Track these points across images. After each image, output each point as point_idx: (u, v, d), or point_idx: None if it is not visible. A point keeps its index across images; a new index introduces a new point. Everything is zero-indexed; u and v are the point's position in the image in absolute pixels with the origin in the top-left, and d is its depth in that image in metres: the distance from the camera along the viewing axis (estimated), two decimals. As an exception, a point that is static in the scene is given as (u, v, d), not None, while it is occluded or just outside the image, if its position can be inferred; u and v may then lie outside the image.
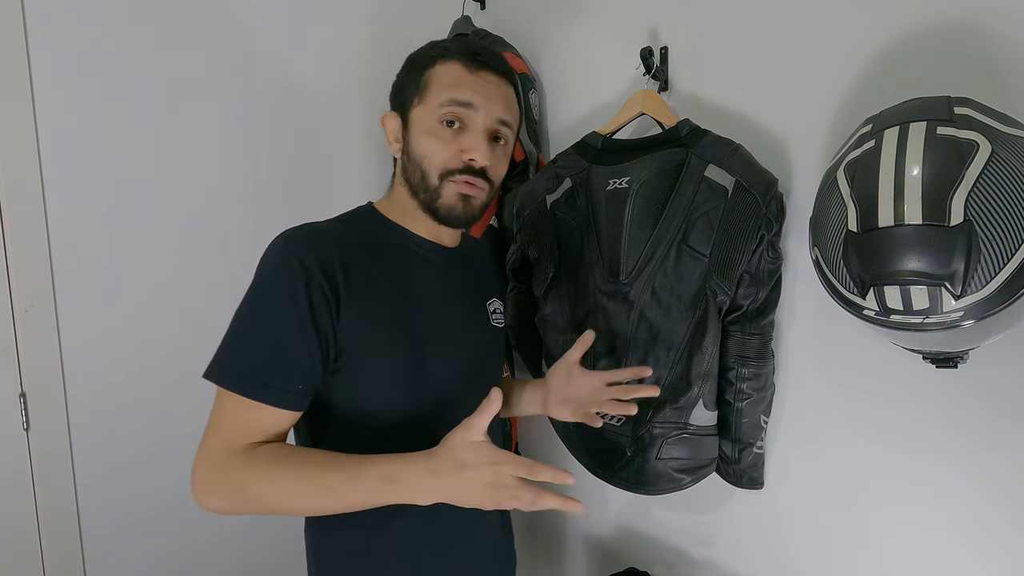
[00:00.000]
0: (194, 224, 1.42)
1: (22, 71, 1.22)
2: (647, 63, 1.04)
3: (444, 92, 0.75)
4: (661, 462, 0.97)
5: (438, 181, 0.76)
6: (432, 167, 0.76)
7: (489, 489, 0.63)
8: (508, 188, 1.28)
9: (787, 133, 0.95)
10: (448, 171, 0.76)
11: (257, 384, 0.67)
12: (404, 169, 0.80)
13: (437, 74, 0.76)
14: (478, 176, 0.77)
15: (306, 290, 0.68)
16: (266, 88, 1.52)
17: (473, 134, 0.76)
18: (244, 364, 0.68)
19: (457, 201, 0.77)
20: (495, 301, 0.94)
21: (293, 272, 0.68)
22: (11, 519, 1.26)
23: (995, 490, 0.78)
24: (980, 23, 0.75)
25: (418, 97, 0.77)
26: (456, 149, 0.76)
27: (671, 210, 0.95)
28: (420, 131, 0.77)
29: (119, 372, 1.34)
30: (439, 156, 0.76)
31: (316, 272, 0.69)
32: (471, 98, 0.75)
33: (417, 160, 0.77)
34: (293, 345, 0.68)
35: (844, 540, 0.93)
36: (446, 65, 0.76)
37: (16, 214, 1.23)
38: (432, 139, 0.76)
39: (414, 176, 0.78)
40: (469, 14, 1.39)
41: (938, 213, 0.60)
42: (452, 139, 0.75)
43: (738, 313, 0.95)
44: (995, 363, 0.76)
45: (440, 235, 0.85)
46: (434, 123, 0.75)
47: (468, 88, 0.75)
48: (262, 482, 0.66)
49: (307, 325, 0.68)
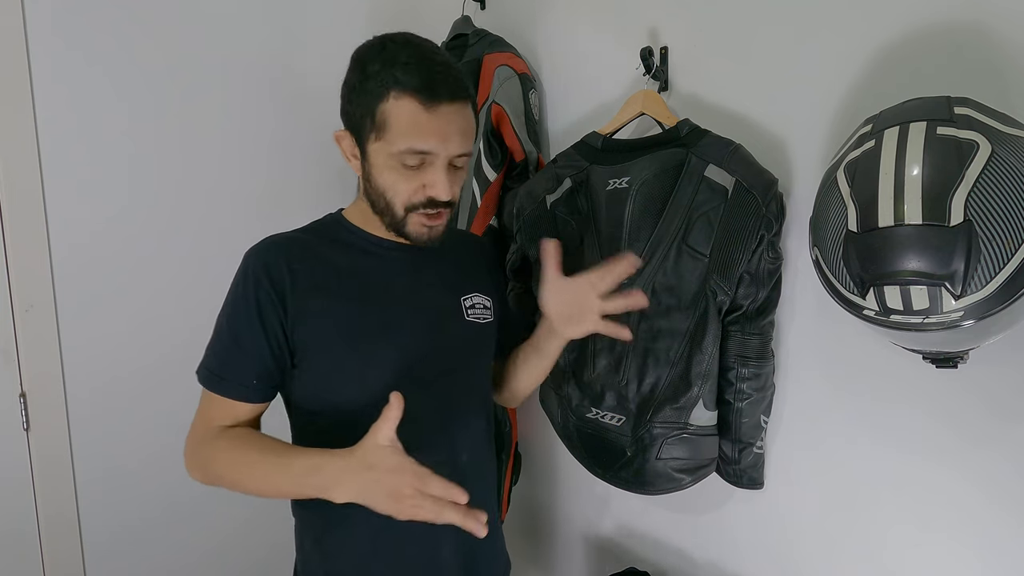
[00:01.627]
0: (194, 224, 1.42)
1: (22, 71, 1.22)
2: (647, 63, 1.04)
3: (403, 139, 0.74)
4: (661, 462, 0.97)
5: (403, 213, 0.79)
6: (396, 201, 0.78)
7: (391, 498, 0.65)
8: (508, 188, 1.28)
9: (787, 133, 0.95)
10: (413, 205, 0.78)
11: (215, 378, 0.78)
12: (368, 192, 0.81)
13: (393, 112, 0.74)
14: (440, 206, 0.79)
15: (255, 295, 0.77)
16: (266, 88, 1.52)
17: (434, 170, 0.77)
18: (210, 361, 0.79)
19: (423, 230, 0.80)
20: (474, 296, 0.92)
21: (247, 279, 0.78)
22: (11, 519, 1.26)
23: (995, 490, 0.78)
24: (980, 23, 0.75)
25: (375, 134, 0.76)
26: (419, 184, 0.77)
27: (671, 210, 0.95)
28: (380, 166, 0.77)
29: (119, 372, 1.34)
30: (402, 192, 0.78)
31: (264, 279, 0.77)
32: (429, 146, 0.75)
33: (380, 191, 0.79)
34: (245, 344, 0.77)
35: (844, 540, 0.93)
36: (402, 101, 0.73)
37: (16, 214, 1.23)
38: (394, 174, 0.77)
39: (379, 203, 0.80)
40: (469, 14, 1.39)
41: (938, 213, 0.60)
42: (414, 176, 0.77)
43: (738, 313, 0.95)
44: (995, 363, 0.76)
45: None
46: (395, 162, 0.76)
47: (427, 133, 0.74)
48: (220, 462, 0.76)
49: (255, 326, 0.77)
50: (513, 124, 1.22)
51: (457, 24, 1.37)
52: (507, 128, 1.22)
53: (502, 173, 1.27)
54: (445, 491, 0.65)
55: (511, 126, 1.22)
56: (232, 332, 0.78)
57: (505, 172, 1.28)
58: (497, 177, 1.26)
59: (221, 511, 1.47)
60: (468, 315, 0.90)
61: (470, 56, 1.29)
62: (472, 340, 0.91)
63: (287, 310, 0.77)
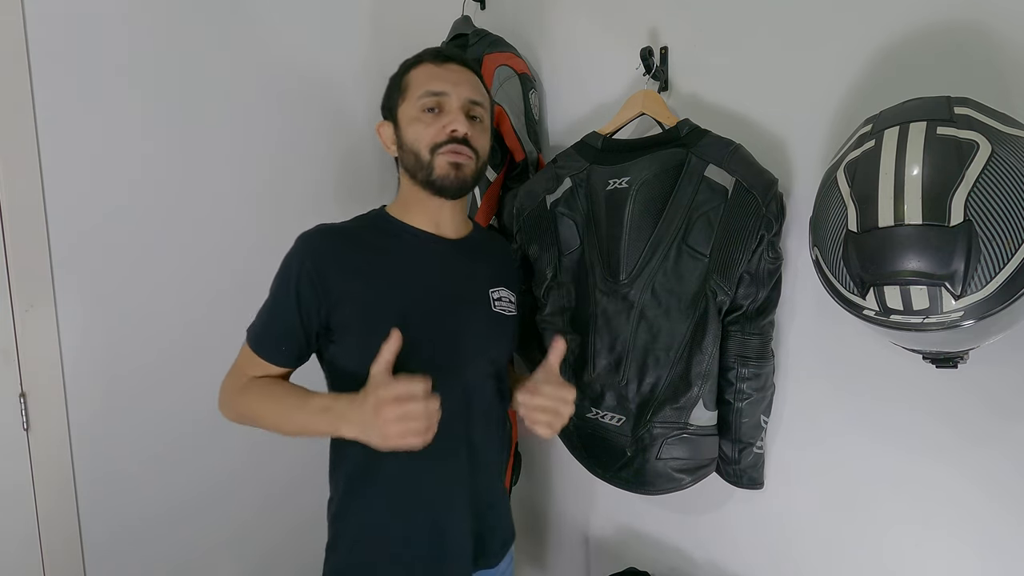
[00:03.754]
0: (195, 224, 1.42)
1: (22, 71, 1.22)
2: (647, 63, 1.04)
3: (421, 87, 0.90)
4: (661, 462, 0.97)
5: (429, 155, 0.88)
6: (422, 145, 0.89)
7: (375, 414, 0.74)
8: (508, 188, 1.28)
9: (787, 133, 0.95)
10: (436, 144, 0.88)
11: (255, 337, 0.89)
12: (402, 161, 0.92)
13: (413, 76, 0.92)
14: (462, 144, 0.88)
15: (297, 276, 0.85)
16: (266, 88, 1.52)
17: (450, 112, 0.89)
18: (256, 324, 0.90)
19: (449, 169, 0.88)
20: (502, 289, 0.98)
21: (292, 261, 0.87)
22: (11, 519, 1.26)
23: (995, 489, 0.78)
24: (980, 23, 0.75)
25: (401, 98, 0.92)
26: (439, 127, 0.88)
27: (671, 210, 0.95)
28: (407, 122, 0.90)
29: (119, 372, 1.33)
30: (426, 135, 0.88)
31: (308, 260, 0.86)
32: (442, 87, 0.89)
33: (410, 145, 0.90)
34: (281, 317, 0.87)
35: (844, 539, 0.93)
36: (418, 68, 0.92)
37: (16, 214, 1.23)
38: (418, 124, 0.89)
39: (409, 161, 0.91)
40: (469, 14, 1.39)
41: (938, 213, 0.60)
42: (434, 121, 0.89)
43: (738, 313, 0.95)
44: (995, 363, 0.76)
45: (439, 225, 0.94)
46: (417, 112, 0.89)
47: (438, 79, 0.90)
48: (248, 401, 0.88)
49: (291, 303, 0.86)
50: (513, 124, 1.22)
51: (457, 24, 1.37)
52: (507, 128, 1.22)
53: (502, 173, 1.27)
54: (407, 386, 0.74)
55: (511, 126, 1.22)
56: (274, 304, 0.88)
57: (505, 172, 1.28)
58: (497, 177, 1.26)
59: (221, 511, 1.47)
60: (495, 306, 0.96)
61: (470, 56, 1.29)
62: (496, 329, 0.96)
63: (329, 291, 0.85)
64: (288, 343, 0.88)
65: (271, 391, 0.88)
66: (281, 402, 0.86)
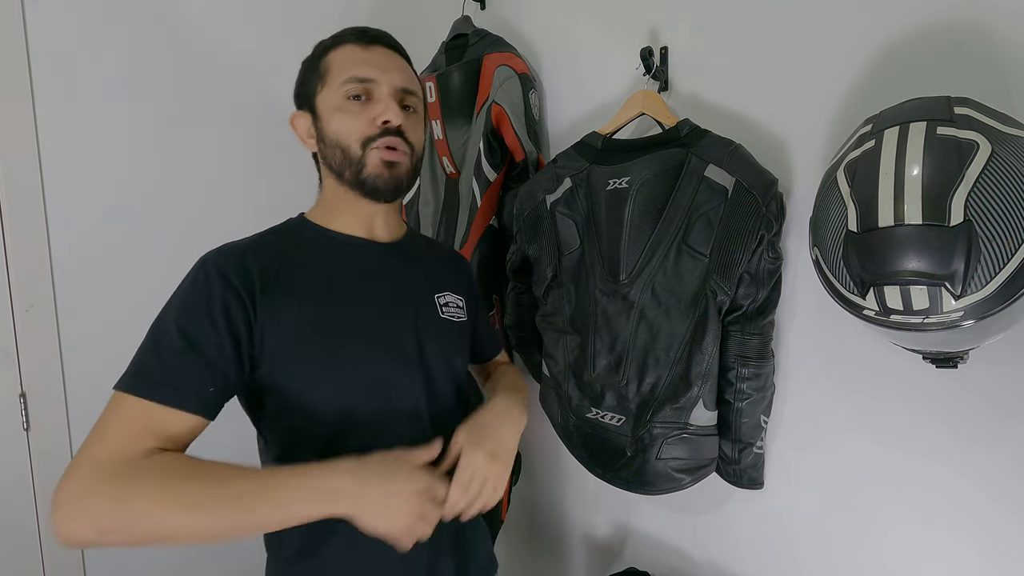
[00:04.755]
0: (193, 224, 1.42)
1: (22, 71, 1.22)
2: (647, 63, 1.04)
3: (344, 72, 0.77)
4: (661, 462, 0.97)
5: (360, 151, 0.77)
6: (351, 139, 0.77)
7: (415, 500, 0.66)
8: (508, 188, 1.28)
9: (787, 133, 0.95)
10: (367, 139, 0.77)
11: (166, 387, 0.65)
12: (324, 158, 0.81)
13: (333, 58, 0.79)
14: (397, 137, 0.78)
15: (221, 296, 0.69)
16: (266, 89, 1.52)
17: (381, 100, 0.78)
18: (155, 370, 0.66)
19: (382, 168, 0.78)
20: (447, 294, 0.90)
21: (209, 280, 0.70)
22: (11, 519, 1.26)
23: (995, 489, 0.78)
24: (980, 23, 0.75)
25: (320, 84, 0.79)
26: (368, 118, 0.77)
27: (671, 210, 0.95)
28: (329, 112, 0.78)
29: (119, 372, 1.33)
30: (355, 128, 0.77)
31: (232, 278, 0.71)
32: (370, 73, 0.77)
33: (334, 140, 0.78)
34: (204, 348, 0.67)
35: (844, 540, 0.93)
36: (339, 49, 0.80)
37: (16, 214, 1.23)
38: (343, 115, 0.77)
39: (335, 157, 0.79)
40: (469, 14, 1.39)
41: (938, 213, 0.60)
42: (362, 111, 0.77)
43: (738, 313, 0.95)
44: (995, 363, 0.76)
45: (371, 229, 0.84)
46: (341, 100, 0.77)
47: (365, 63, 0.78)
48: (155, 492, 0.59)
49: (220, 328, 0.68)
50: (513, 124, 1.22)
51: (457, 24, 1.37)
52: (507, 128, 1.22)
53: (502, 173, 1.27)
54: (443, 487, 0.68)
55: (511, 126, 1.22)
56: (187, 336, 0.67)
57: (505, 172, 1.28)
58: (497, 177, 1.26)
59: (221, 511, 1.47)
60: (443, 312, 0.88)
61: (470, 56, 1.29)
62: (448, 337, 0.88)
63: (256, 314, 0.71)
64: (216, 380, 0.67)
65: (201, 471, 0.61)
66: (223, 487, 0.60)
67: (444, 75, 1.31)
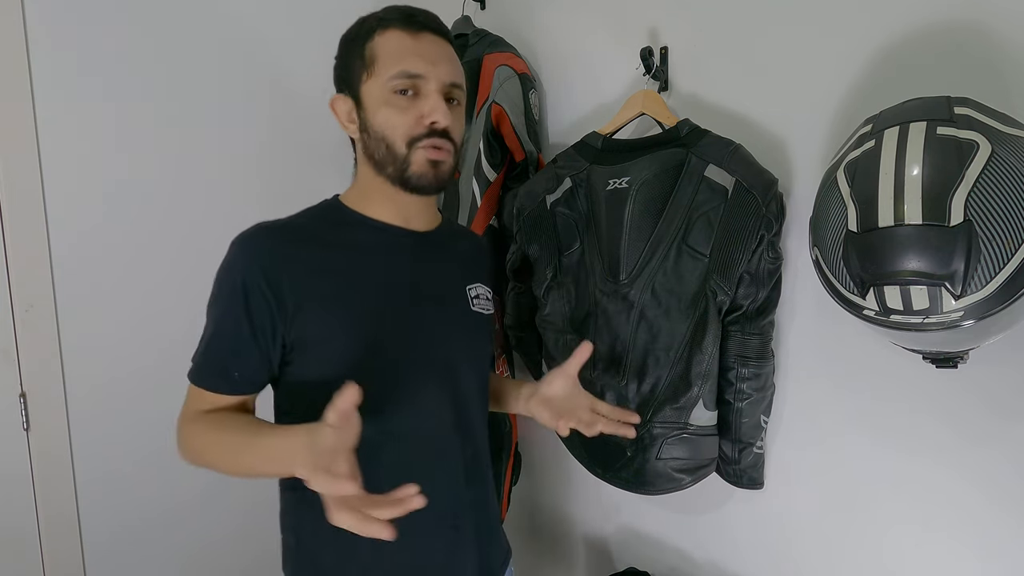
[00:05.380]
0: (194, 224, 1.42)
1: (22, 71, 1.22)
2: (647, 63, 1.04)
3: (392, 64, 0.75)
4: (661, 462, 0.97)
5: (406, 149, 0.76)
6: (397, 136, 0.75)
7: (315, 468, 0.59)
8: (508, 188, 1.28)
9: (787, 133, 0.95)
10: (414, 138, 0.75)
11: (195, 371, 0.76)
12: (365, 147, 0.79)
13: (380, 45, 0.76)
14: (442, 138, 0.76)
15: (244, 288, 0.72)
16: (265, 88, 1.52)
17: (430, 98, 0.75)
18: (198, 354, 0.76)
19: (428, 168, 0.76)
20: (478, 286, 0.89)
21: (234, 269, 0.74)
22: (11, 519, 1.26)
23: (995, 489, 0.78)
24: (980, 23, 0.75)
25: (366, 72, 0.76)
26: (416, 115, 0.75)
27: (671, 210, 0.95)
28: (375, 105, 0.76)
29: (119, 372, 1.33)
30: (401, 125, 0.75)
31: (255, 267, 0.73)
32: (421, 69, 0.75)
33: (379, 134, 0.76)
34: (228, 339, 0.74)
35: (844, 540, 0.93)
36: (386, 34, 0.76)
37: (16, 214, 1.23)
38: (390, 109, 0.75)
39: (378, 151, 0.77)
40: (469, 14, 1.39)
41: (938, 213, 0.60)
42: (410, 106, 0.75)
43: (738, 313, 0.95)
44: (995, 363, 0.76)
45: (408, 218, 0.83)
46: (388, 94, 0.75)
47: (415, 56, 0.75)
48: (199, 443, 0.75)
49: (242, 319, 0.72)
50: (513, 124, 1.22)
51: (457, 24, 1.37)
52: (507, 128, 1.22)
53: (502, 173, 1.27)
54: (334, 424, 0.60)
55: (511, 126, 1.22)
56: (216, 325, 0.74)
57: (505, 172, 1.28)
58: (497, 177, 1.26)
59: (221, 510, 1.47)
60: (474, 305, 0.88)
61: (470, 56, 1.29)
62: (477, 330, 0.88)
63: (283, 302, 0.73)
64: (241, 367, 0.74)
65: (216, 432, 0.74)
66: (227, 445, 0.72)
67: (444, 75, 1.31)
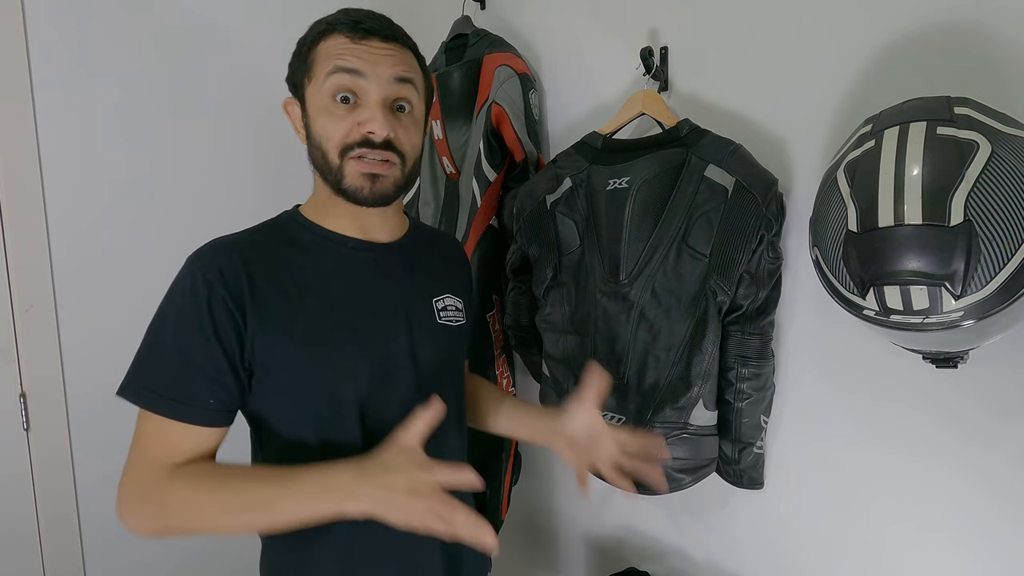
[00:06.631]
0: (193, 223, 1.42)
1: (22, 71, 1.22)
2: (647, 63, 1.04)
3: (329, 62, 0.70)
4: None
5: (339, 160, 0.71)
6: (330, 145, 0.71)
7: (409, 498, 0.62)
8: (508, 188, 1.28)
9: (787, 133, 0.95)
10: (347, 146, 0.71)
11: (167, 401, 0.67)
12: (311, 155, 0.76)
13: (321, 50, 0.72)
14: (381, 149, 0.71)
15: (208, 306, 0.67)
16: (265, 89, 1.52)
17: (368, 106, 0.71)
18: (153, 381, 0.68)
19: (363, 181, 0.72)
20: (447, 297, 0.85)
21: (197, 289, 0.68)
22: (11, 519, 1.26)
23: (995, 490, 0.78)
24: (980, 23, 0.75)
25: (306, 77, 0.73)
26: (352, 123, 0.71)
27: (671, 210, 0.95)
28: (315, 111, 0.72)
29: (119, 372, 1.33)
30: (336, 133, 0.71)
31: (218, 287, 0.68)
32: (357, 64, 0.70)
33: (316, 142, 0.73)
34: (199, 362, 0.67)
35: (844, 540, 0.93)
36: (329, 39, 0.72)
37: (16, 214, 1.23)
38: (327, 117, 0.71)
39: (317, 159, 0.74)
40: (469, 14, 1.39)
41: (938, 213, 0.60)
42: (347, 115, 0.71)
43: (738, 313, 0.95)
44: (995, 363, 0.76)
45: (366, 229, 0.79)
46: (327, 100, 0.71)
47: (354, 56, 0.70)
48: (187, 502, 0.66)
49: (211, 340, 0.67)
50: (513, 124, 1.22)
51: (457, 24, 1.37)
52: (507, 128, 1.22)
53: (502, 173, 1.27)
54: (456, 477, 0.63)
55: (511, 126, 1.22)
56: (179, 347, 0.67)
57: (505, 172, 1.28)
58: (497, 177, 1.26)
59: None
60: (440, 318, 0.84)
61: (470, 56, 1.29)
62: (445, 345, 0.84)
63: (247, 322, 0.68)
64: (216, 393, 0.68)
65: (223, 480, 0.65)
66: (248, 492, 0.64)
67: (444, 75, 1.31)
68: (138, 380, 0.69)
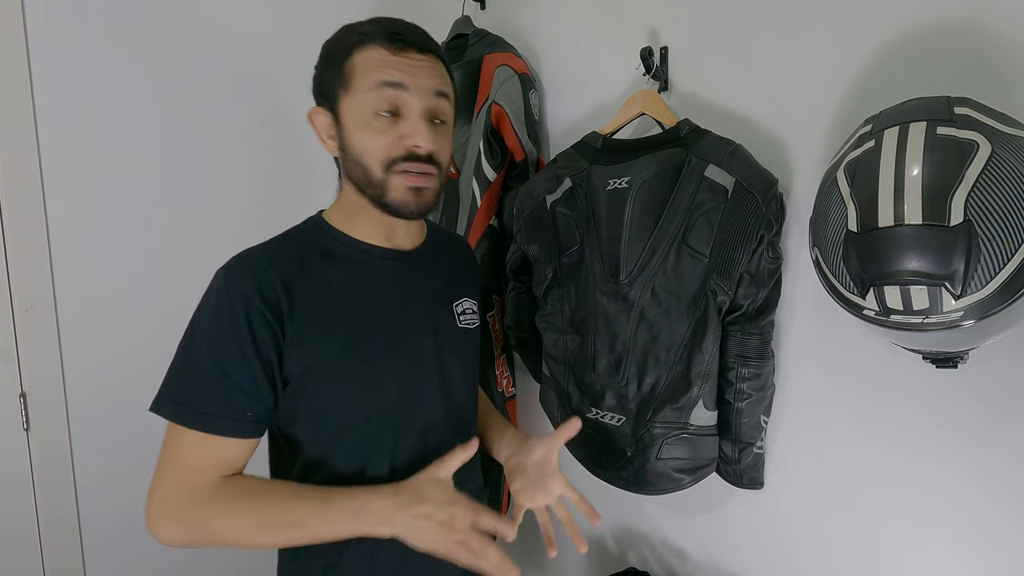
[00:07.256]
0: (194, 224, 1.42)
1: (22, 71, 1.22)
2: (647, 63, 1.04)
3: (371, 76, 0.70)
4: (661, 462, 0.97)
5: (382, 174, 0.72)
6: (373, 160, 0.71)
7: (441, 528, 0.66)
8: (508, 188, 1.28)
9: (787, 133, 0.95)
10: (392, 160, 0.71)
11: (206, 416, 0.68)
12: (345, 168, 0.76)
13: (359, 62, 0.71)
14: (424, 162, 0.72)
15: (247, 319, 0.68)
16: (265, 90, 1.52)
17: (411, 119, 0.71)
18: (191, 397, 0.68)
19: (408, 195, 0.72)
20: (464, 301, 0.88)
21: (233, 303, 0.68)
22: (11, 519, 1.26)
23: (995, 490, 0.78)
24: (980, 23, 0.75)
25: (343, 89, 0.72)
26: (395, 137, 0.71)
27: (671, 210, 0.95)
28: (353, 125, 0.72)
29: (119, 372, 1.34)
30: (379, 147, 0.71)
31: (256, 300, 0.68)
32: (400, 78, 0.70)
33: (356, 156, 0.72)
34: (237, 376, 0.68)
35: (844, 540, 0.93)
36: (367, 51, 0.71)
37: (16, 214, 1.23)
38: (368, 131, 0.71)
39: (355, 173, 0.74)
40: (469, 14, 1.39)
41: (938, 213, 0.60)
42: (390, 128, 0.71)
43: (738, 313, 0.95)
44: (995, 363, 0.76)
45: (393, 237, 0.80)
46: (367, 114, 0.71)
47: (395, 69, 0.70)
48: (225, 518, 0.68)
49: (249, 354, 0.68)
50: (513, 124, 1.22)
51: (457, 24, 1.37)
52: (507, 128, 1.22)
53: (502, 173, 1.27)
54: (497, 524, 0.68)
55: (511, 126, 1.22)
56: (218, 363, 0.68)
57: (505, 172, 1.28)
58: (497, 177, 1.26)
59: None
60: (460, 322, 0.86)
61: (470, 56, 1.29)
62: (465, 348, 0.87)
63: (285, 333, 0.69)
64: (254, 406, 0.69)
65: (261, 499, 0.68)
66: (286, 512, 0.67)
67: (444, 75, 1.31)
68: (175, 396, 0.69)
